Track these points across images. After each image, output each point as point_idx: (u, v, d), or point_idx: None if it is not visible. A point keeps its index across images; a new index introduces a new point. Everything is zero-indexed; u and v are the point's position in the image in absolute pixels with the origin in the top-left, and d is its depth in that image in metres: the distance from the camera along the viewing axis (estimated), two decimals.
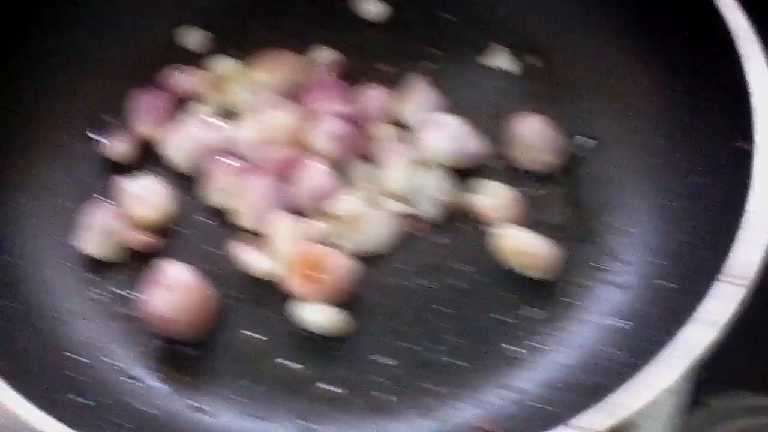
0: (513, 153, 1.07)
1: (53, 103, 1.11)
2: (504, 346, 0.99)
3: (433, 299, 1.00)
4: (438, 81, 1.14)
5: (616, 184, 1.08)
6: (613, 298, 1.01)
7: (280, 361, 0.97)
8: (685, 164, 1.05)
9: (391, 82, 1.15)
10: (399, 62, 1.17)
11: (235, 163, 1.03)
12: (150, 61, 1.16)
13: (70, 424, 0.80)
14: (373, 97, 1.08)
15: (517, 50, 1.18)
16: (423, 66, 1.17)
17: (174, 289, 0.93)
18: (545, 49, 1.18)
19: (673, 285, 0.97)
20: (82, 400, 0.89)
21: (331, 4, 1.22)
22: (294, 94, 1.11)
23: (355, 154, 1.03)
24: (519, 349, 0.98)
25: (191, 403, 0.95)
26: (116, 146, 1.07)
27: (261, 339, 0.98)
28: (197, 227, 1.05)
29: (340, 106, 1.01)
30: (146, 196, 1.02)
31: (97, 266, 1.02)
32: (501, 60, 1.16)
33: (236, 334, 0.98)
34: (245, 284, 1.01)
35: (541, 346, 0.98)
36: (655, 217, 1.04)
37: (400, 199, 1.03)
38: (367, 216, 1.01)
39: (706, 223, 0.97)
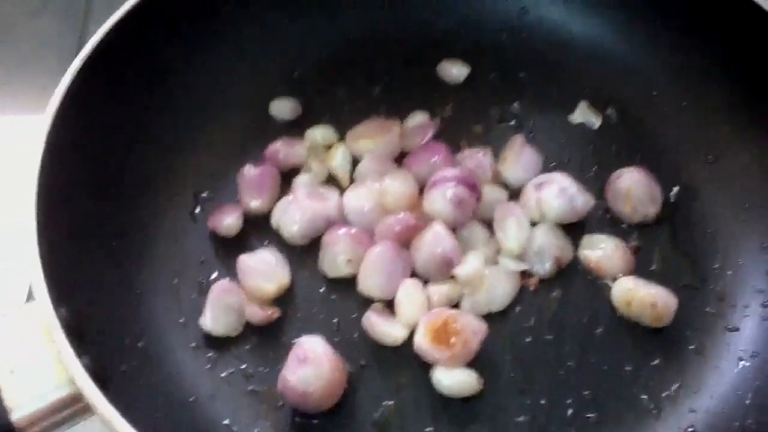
0: (614, 206, 1.10)
1: (157, 184, 1.12)
2: (631, 396, 1.00)
3: (554, 352, 1.02)
4: (528, 138, 1.17)
5: (714, 230, 1.12)
6: (728, 341, 1.03)
7: (415, 426, 0.98)
8: None
9: (483, 142, 1.17)
10: (487, 122, 1.20)
11: (352, 232, 1.04)
12: (248, 135, 1.18)
13: None
14: (477, 158, 1.09)
15: (597, 105, 1.20)
16: (510, 125, 1.18)
17: (314, 363, 0.93)
18: (623, 103, 1.22)
19: None
20: None
21: (413, 71, 1.23)
22: (397, 160, 1.11)
23: (471, 216, 1.04)
24: (645, 397, 1.00)
25: None
26: (226, 222, 1.07)
27: (394, 406, 0.98)
28: (314, 297, 1.06)
29: (457, 170, 1.03)
30: (266, 270, 1.03)
31: (221, 344, 1.02)
32: (583, 115, 1.19)
33: (368, 403, 0.99)
34: (371, 352, 1.02)
35: (667, 393, 0.99)
36: (755, 259, 1.08)
37: (516, 257, 1.04)
38: (489, 276, 1.02)
39: None
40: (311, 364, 0.93)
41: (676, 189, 1.14)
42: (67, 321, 0.86)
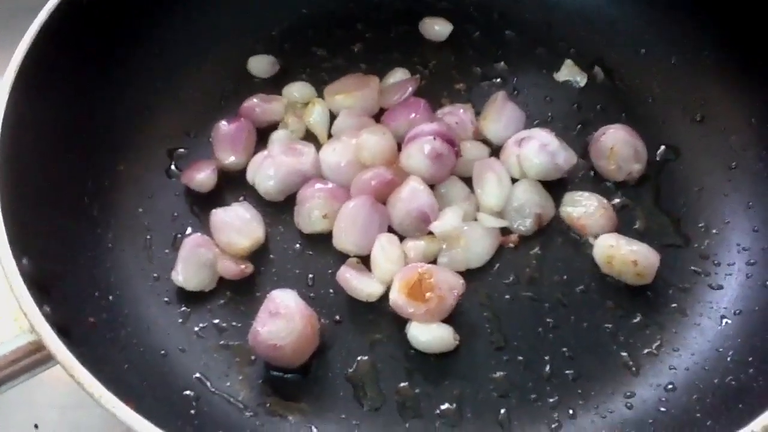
0: (598, 163, 1.08)
1: (134, 139, 1.11)
2: (610, 353, 0.99)
3: (534, 310, 1.01)
4: (512, 96, 1.15)
5: (698, 189, 1.10)
6: (711, 299, 1.01)
7: (390, 382, 0.96)
8: (761, 165, 1.06)
9: (465, 99, 1.15)
10: (470, 80, 1.18)
11: (328, 187, 1.02)
12: (223, 91, 1.16)
13: None
14: (458, 115, 1.07)
15: (582, 64, 1.18)
16: (494, 82, 1.16)
17: (285, 317, 0.91)
18: (609, 62, 1.20)
19: (767, 281, 0.99)
20: None
21: (395, 28, 1.21)
22: (376, 118, 1.09)
23: (450, 172, 1.02)
24: (625, 354, 0.98)
25: (307, 428, 0.94)
26: (200, 177, 1.05)
27: (368, 362, 0.96)
28: (289, 253, 1.04)
29: (435, 125, 1.01)
30: (240, 225, 1.01)
31: (194, 299, 1.00)
32: (568, 74, 1.17)
33: (342, 358, 0.97)
34: (346, 307, 0.99)
35: (648, 351, 0.97)
36: (741, 217, 1.06)
37: (495, 213, 1.02)
38: (466, 232, 1.00)
39: None
40: (282, 318, 0.92)
41: (662, 148, 1.11)
42: (28, 272, 0.85)
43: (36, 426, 1.01)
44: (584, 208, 1.04)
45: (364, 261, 1.00)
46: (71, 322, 0.86)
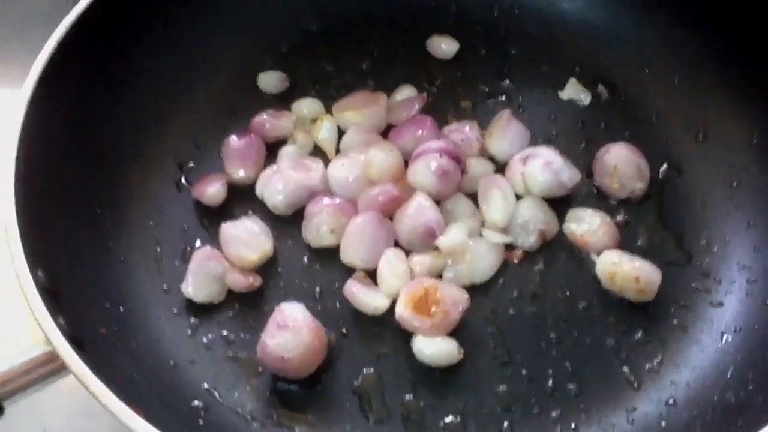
0: (602, 181, 1.10)
1: (145, 152, 1.13)
2: (612, 369, 1.00)
3: (537, 325, 1.02)
4: (517, 113, 1.17)
5: (700, 207, 1.11)
6: (711, 316, 1.03)
7: (395, 394, 0.98)
8: (762, 183, 1.08)
9: (471, 116, 1.17)
10: (475, 97, 1.19)
11: (336, 202, 1.03)
12: (235, 107, 1.19)
13: None
14: (464, 132, 1.09)
15: (586, 81, 1.20)
16: (499, 100, 1.18)
17: (293, 330, 0.93)
18: (613, 79, 1.21)
19: (767, 300, 1.01)
20: None
21: (403, 45, 1.23)
22: (384, 135, 1.11)
23: (456, 188, 1.04)
24: (626, 370, 0.99)
25: None
26: (210, 191, 1.07)
27: (374, 374, 0.98)
28: (296, 267, 1.06)
29: (441, 142, 1.03)
30: (249, 239, 1.03)
31: (203, 311, 1.02)
32: (573, 92, 1.19)
33: (348, 371, 0.99)
34: (353, 321, 1.01)
35: (649, 366, 0.99)
36: (742, 236, 1.08)
37: (500, 229, 1.04)
38: (472, 248, 1.01)
39: None
40: (290, 330, 0.93)
41: (664, 166, 1.13)
42: (43, 283, 0.86)
43: None
44: (587, 225, 1.06)
45: (371, 275, 1.02)
46: (83, 333, 0.88)
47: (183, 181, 1.12)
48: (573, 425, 0.95)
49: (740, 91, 1.13)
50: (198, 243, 1.07)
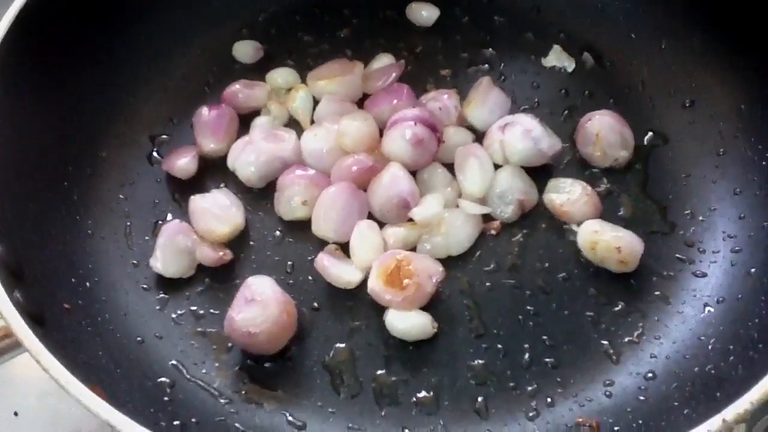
0: (584, 149, 1.06)
1: (117, 126, 1.11)
2: (590, 341, 0.97)
3: (515, 297, 1.00)
4: (498, 82, 1.14)
5: (685, 176, 1.08)
6: (695, 287, 1.00)
7: (367, 369, 0.96)
8: (749, 152, 1.04)
9: (451, 85, 1.13)
10: (456, 65, 1.16)
11: (309, 174, 1.01)
12: (208, 77, 1.16)
13: None
14: (442, 100, 1.06)
15: (570, 49, 1.17)
16: (480, 68, 1.15)
17: (261, 304, 0.91)
18: (599, 47, 1.18)
19: (753, 269, 0.97)
20: (173, 421, 0.88)
21: (382, 14, 1.20)
22: (358, 102, 1.08)
23: (431, 158, 1.01)
24: (605, 343, 0.97)
25: (282, 416, 0.93)
26: (181, 164, 1.05)
27: (346, 349, 0.95)
28: (268, 240, 1.04)
29: (416, 110, 1.00)
30: (219, 212, 1.00)
31: (172, 285, 1.00)
32: (556, 59, 1.15)
33: (320, 346, 0.97)
34: (325, 295, 0.99)
35: (629, 339, 0.96)
36: (728, 204, 1.05)
37: (477, 200, 1.01)
38: (447, 219, 0.99)
39: None
40: (258, 305, 0.91)
41: (650, 134, 1.10)
42: (1, 257, 0.84)
43: (16, 413, 1.01)
44: (567, 194, 1.03)
45: (344, 248, 0.99)
46: (45, 308, 0.86)
47: (155, 154, 1.09)
48: (549, 399, 0.92)
49: (728, 59, 1.09)
50: (169, 217, 1.05)
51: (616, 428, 0.89)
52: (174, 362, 0.95)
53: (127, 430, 0.75)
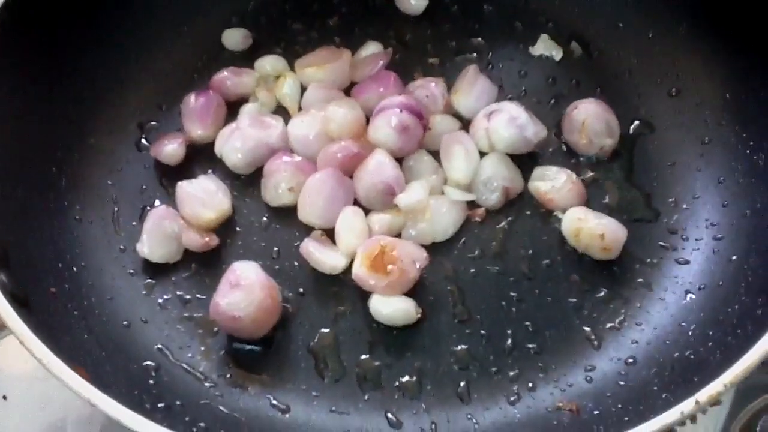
0: (569, 137, 1.07)
1: (103, 112, 1.11)
2: (573, 327, 0.98)
3: (499, 284, 1.00)
4: (485, 70, 1.14)
5: (670, 164, 1.09)
6: (677, 274, 1.01)
7: (351, 354, 0.97)
8: (733, 140, 1.05)
9: (439, 73, 1.14)
10: (444, 54, 1.17)
11: (295, 160, 1.02)
12: (197, 65, 1.16)
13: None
14: (429, 88, 1.07)
15: (558, 38, 1.17)
16: (468, 57, 1.15)
17: (245, 289, 0.92)
18: (586, 36, 1.18)
19: (734, 257, 0.98)
20: (157, 403, 0.89)
21: (371, 2, 1.21)
22: (346, 89, 1.09)
23: (417, 145, 1.02)
24: (588, 329, 0.98)
25: (266, 400, 0.94)
26: (168, 150, 1.05)
27: (331, 334, 0.96)
28: (255, 226, 1.05)
29: (402, 98, 1.00)
30: (205, 197, 1.01)
31: (159, 270, 1.01)
32: (544, 48, 1.16)
33: (305, 331, 0.98)
34: (311, 280, 1.00)
35: (611, 325, 0.97)
36: (712, 192, 1.05)
37: (462, 187, 1.01)
38: (432, 206, 0.99)
39: (763, 194, 0.99)
40: (242, 289, 0.92)
41: (636, 122, 1.10)
42: None
43: (4, 397, 1.02)
44: (552, 182, 1.04)
45: (329, 234, 1.00)
46: (30, 291, 0.87)
47: (143, 140, 1.10)
48: (530, 384, 0.93)
49: (713, 47, 1.09)
50: (157, 203, 1.06)
51: (595, 412, 0.89)
52: (159, 346, 0.95)
53: (111, 411, 0.75)
